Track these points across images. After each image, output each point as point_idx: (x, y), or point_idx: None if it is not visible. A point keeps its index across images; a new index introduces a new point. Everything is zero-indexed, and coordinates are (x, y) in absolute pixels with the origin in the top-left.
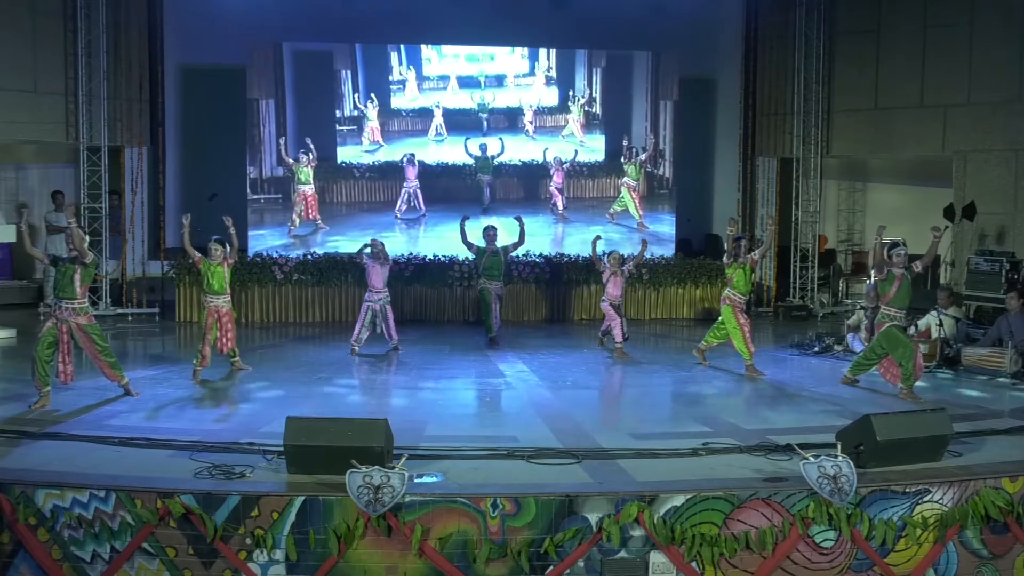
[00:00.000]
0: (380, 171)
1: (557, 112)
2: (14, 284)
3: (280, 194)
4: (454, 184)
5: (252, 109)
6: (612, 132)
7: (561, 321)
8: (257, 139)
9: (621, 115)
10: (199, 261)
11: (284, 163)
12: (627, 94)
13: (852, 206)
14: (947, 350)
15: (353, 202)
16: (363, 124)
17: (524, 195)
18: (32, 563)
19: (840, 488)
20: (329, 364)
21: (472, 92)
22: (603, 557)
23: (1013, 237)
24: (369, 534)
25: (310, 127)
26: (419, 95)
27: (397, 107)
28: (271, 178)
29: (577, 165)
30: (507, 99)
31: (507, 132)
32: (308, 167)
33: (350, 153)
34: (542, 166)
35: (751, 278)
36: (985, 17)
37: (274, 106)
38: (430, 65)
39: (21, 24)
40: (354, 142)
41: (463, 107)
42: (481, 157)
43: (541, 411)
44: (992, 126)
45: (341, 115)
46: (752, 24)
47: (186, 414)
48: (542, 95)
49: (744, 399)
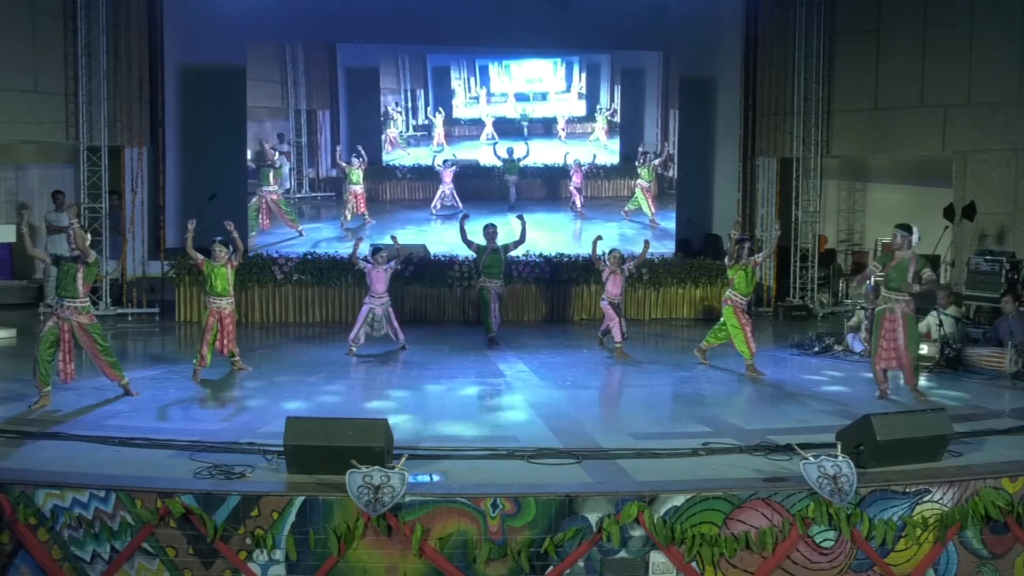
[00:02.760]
0: (419, 173)
1: (585, 121)
2: (14, 284)
3: (333, 192)
4: (484, 184)
5: (311, 119)
6: (627, 138)
7: (561, 321)
8: (315, 144)
9: (635, 123)
10: (202, 263)
11: (338, 166)
12: (640, 104)
13: (852, 206)
14: (947, 350)
15: (396, 199)
16: (431, 130)
17: (546, 194)
18: (32, 563)
19: (840, 488)
20: (329, 364)
21: (523, 104)
22: (603, 557)
23: (1013, 237)
24: (369, 534)
25: (359, 135)
26: (486, 105)
27: (457, 117)
28: (326, 178)
29: (595, 167)
30: (545, 110)
31: (543, 137)
32: (359, 169)
33: (421, 153)
34: (563, 168)
35: (752, 280)
36: (985, 17)
37: (329, 116)
38: (495, 84)
39: (21, 24)
40: (425, 144)
41: (508, 116)
42: (509, 160)
43: (541, 411)
44: (992, 126)
45: (407, 123)
46: (752, 24)
47: (186, 414)
48: (573, 107)
49: (744, 399)
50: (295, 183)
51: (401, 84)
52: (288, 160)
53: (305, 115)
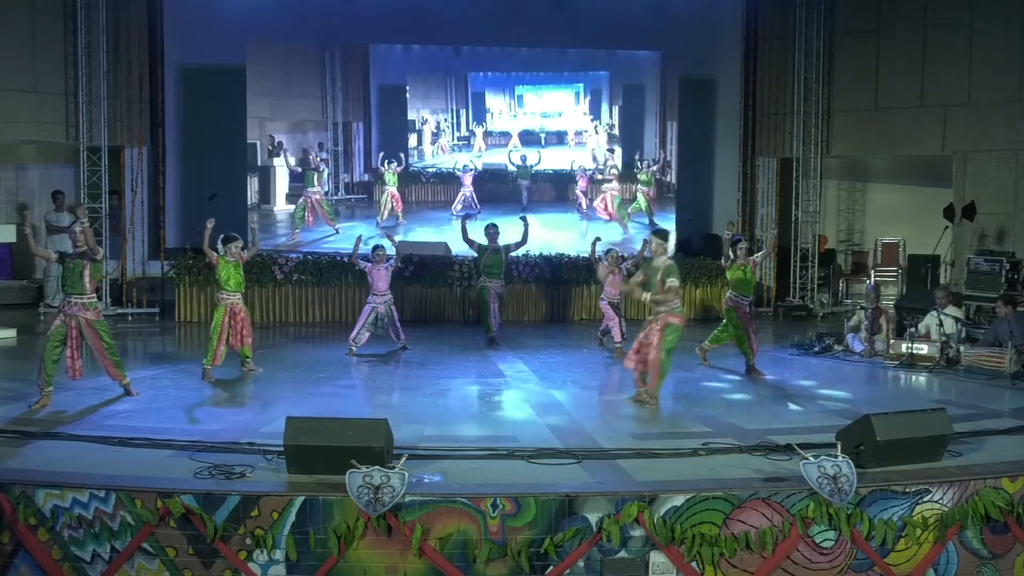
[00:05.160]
0: (441, 177)
1: (587, 133)
2: (14, 284)
3: (365, 195)
4: (499, 187)
5: (347, 130)
6: (628, 146)
7: (561, 321)
8: (349, 152)
9: (636, 133)
10: (216, 260)
11: (372, 170)
12: (640, 116)
13: (852, 206)
14: (947, 350)
15: (421, 201)
16: (471, 140)
17: (555, 197)
18: (32, 563)
19: (840, 488)
20: (329, 364)
21: (545, 120)
22: (603, 557)
23: (1013, 237)
24: (369, 534)
25: (388, 144)
26: (520, 119)
27: (490, 130)
28: (359, 182)
29: (598, 173)
30: (559, 124)
31: (556, 145)
32: (395, 172)
33: (464, 158)
34: (570, 174)
35: (753, 280)
36: (985, 17)
37: (362, 128)
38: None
39: (21, 24)
40: (467, 149)
41: (531, 128)
42: (522, 166)
43: (541, 411)
44: (992, 126)
45: (452, 134)
46: (752, 24)
47: (186, 414)
48: (581, 122)
49: (744, 399)
50: (332, 186)
51: (448, 104)
52: (327, 166)
53: (342, 127)
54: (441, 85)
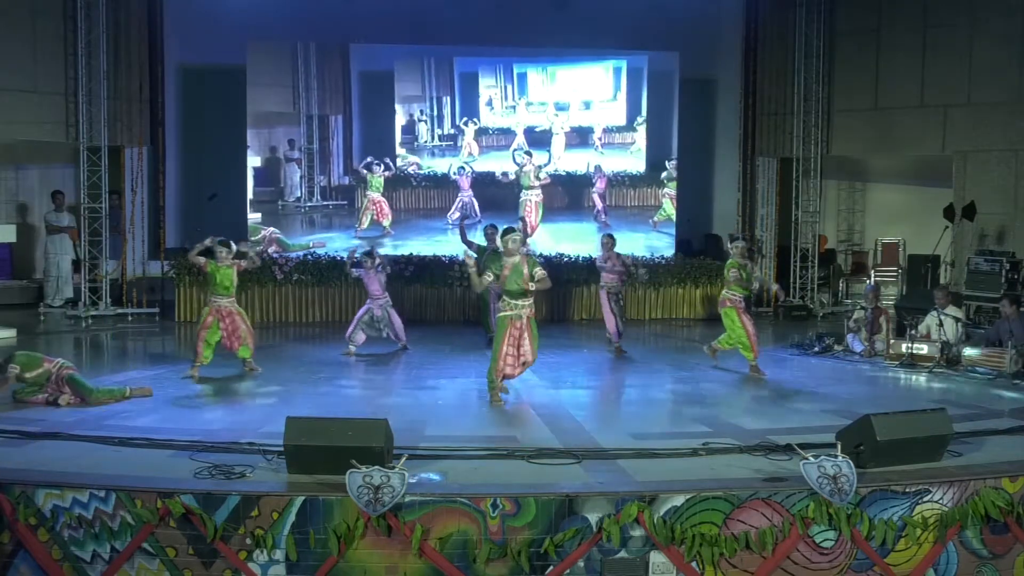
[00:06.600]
0: (434, 180)
1: (624, 130)
2: (14, 284)
3: (346, 200)
4: (502, 192)
5: (323, 124)
6: (652, 147)
7: (561, 321)
8: (327, 151)
9: (665, 127)
10: (205, 265)
11: (353, 172)
12: (669, 108)
13: (852, 206)
14: (947, 350)
15: (410, 208)
16: (459, 140)
17: (568, 203)
18: (32, 563)
19: (840, 488)
20: (329, 364)
21: (561, 113)
22: (603, 557)
23: (1013, 237)
24: (369, 534)
25: (373, 142)
26: (523, 114)
27: (485, 126)
28: (338, 186)
29: (618, 175)
30: (583, 119)
31: (578, 148)
32: (381, 177)
33: (447, 164)
34: (585, 176)
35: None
36: (985, 17)
37: (342, 122)
38: (535, 91)
39: (21, 24)
40: (452, 154)
41: (541, 126)
42: (522, 172)
43: (541, 411)
44: (992, 126)
45: (431, 132)
46: (752, 24)
47: (186, 414)
48: (615, 116)
49: (744, 399)
50: (306, 191)
51: (426, 91)
52: (299, 167)
53: (317, 120)
54: (416, 68)
